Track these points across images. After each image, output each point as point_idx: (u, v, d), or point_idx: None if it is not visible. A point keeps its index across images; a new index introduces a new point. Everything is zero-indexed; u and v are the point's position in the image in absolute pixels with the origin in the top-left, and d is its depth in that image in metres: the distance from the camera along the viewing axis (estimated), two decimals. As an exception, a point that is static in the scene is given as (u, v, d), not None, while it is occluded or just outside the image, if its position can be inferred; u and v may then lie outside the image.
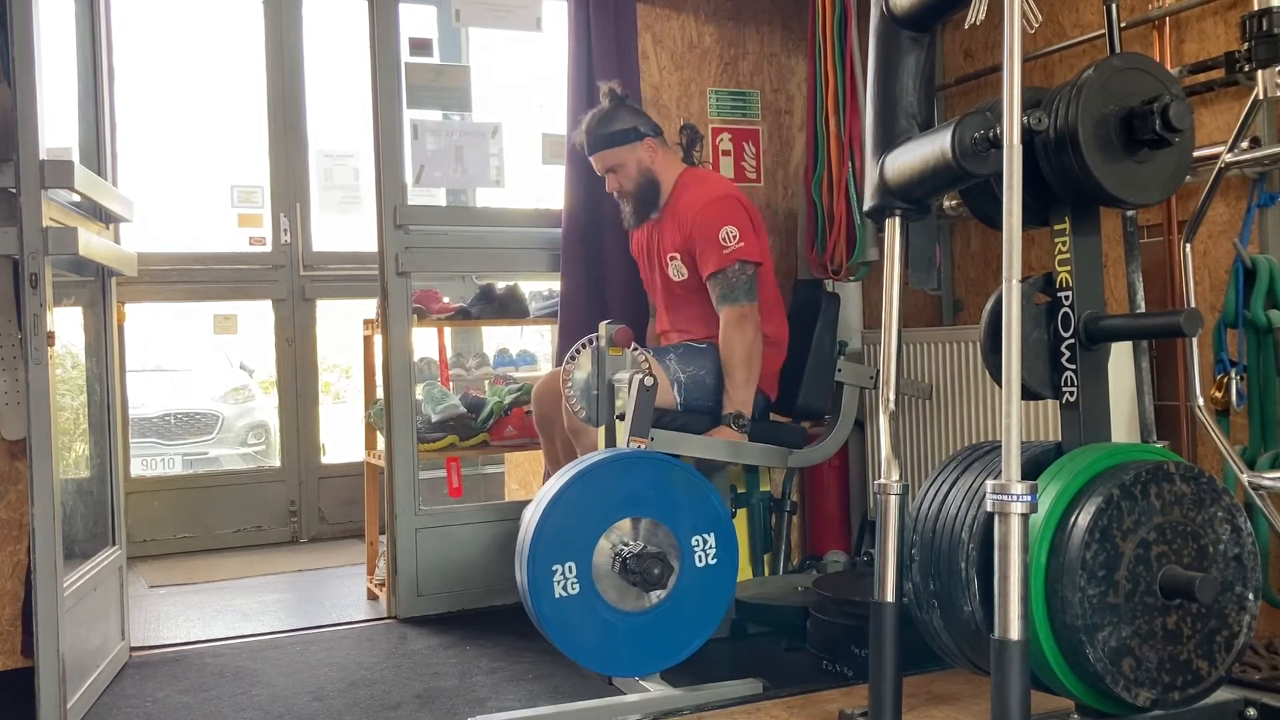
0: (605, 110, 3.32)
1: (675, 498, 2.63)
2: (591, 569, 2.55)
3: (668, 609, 2.60)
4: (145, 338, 6.43)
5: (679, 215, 3.25)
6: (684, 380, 3.16)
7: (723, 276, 3.15)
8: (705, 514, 2.65)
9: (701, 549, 2.63)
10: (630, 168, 3.27)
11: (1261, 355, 2.68)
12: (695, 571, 2.62)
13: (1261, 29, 2.40)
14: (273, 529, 5.04)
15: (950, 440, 3.43)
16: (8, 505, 2.99)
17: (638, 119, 3.31)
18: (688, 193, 3.27)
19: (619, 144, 3.26)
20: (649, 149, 3.28)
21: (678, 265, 3.27)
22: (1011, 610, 1.70)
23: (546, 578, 2.51)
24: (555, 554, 2.53)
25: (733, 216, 3.16)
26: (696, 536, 2.62)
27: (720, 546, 2.64)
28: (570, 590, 2.53)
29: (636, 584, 2.55)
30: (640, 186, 3.29)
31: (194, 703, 2.81)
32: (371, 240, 3.72)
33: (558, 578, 2.52)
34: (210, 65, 6.39)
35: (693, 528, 2.62)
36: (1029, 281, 2.11)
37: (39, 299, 2.47)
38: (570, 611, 2.53)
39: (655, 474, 2.64)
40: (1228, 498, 1.98)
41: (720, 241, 3.13)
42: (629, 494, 2.60)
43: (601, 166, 3.33)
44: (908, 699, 2.16)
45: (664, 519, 2.61)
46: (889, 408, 2.14)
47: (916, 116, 2.14)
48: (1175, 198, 2.90)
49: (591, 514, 2.57)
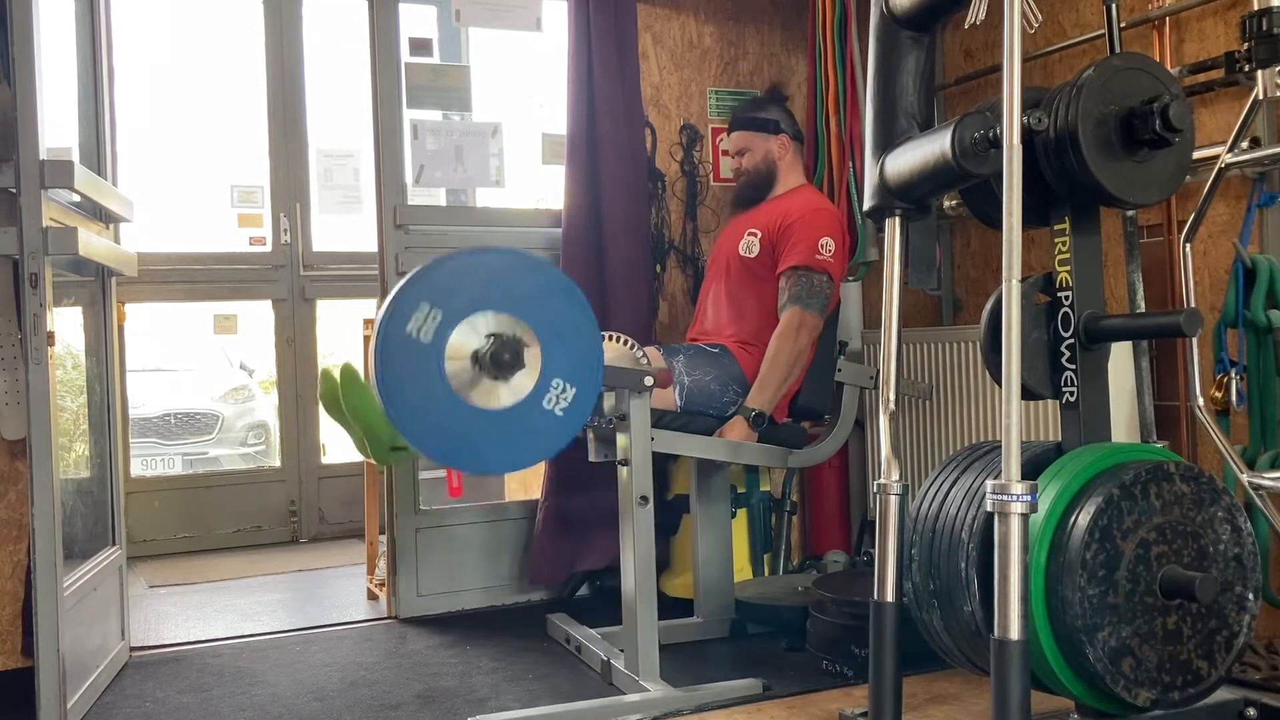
0: (760, 98, 3.60)
1: (566, 334, 2.43)
2: (450, 334, 2.33)
3: (494, 420, 2.38)
4: (145, 338, 6.43)
5: (785, 205, 3.31)
6: (687, 384, 3.16)
7: (806, 277, 3.18)
8: (582, 365, 2.43)
9: (557, 394, 2.40)
10: (758, 154, 3.41)
11: (1261, 355, 2.68)
12: (539, 410, 2.39)
13: (1261, 29, 2.40)
14: (273, 529, 5.04)
15: (950, 440, 3.43)
16: (8, 505, 2.99)
17: (784, 117, 3.46)
18: (801, 196, 3.36)
19: (758, 130, 3.41)
20: (781, 145, 3.41)
21: (753, 242, 3.30)
22: (1011, 610, 1.70)
23: (408, 309, 2.28)
24: (430, 294, 2.30)
25: (837, 233, 3.25)
26: (557, 380, 2.41)
27: (576, 404, 2.41)
28: (423, 336, 2.30)
29: (482, 368, 2.34)
30: (759, 173, 3.41)
31: (194, 703, 2.81)
32: (371, 240, 3.72)
33: (418, 314, 2.29)
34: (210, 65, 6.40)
35: (560, 370, 2.40)
36: (1029, 281, 2.11)
37: (39, 299, 2.47)
38: (408, 357, 2.29)
39: (563, 298, 2.45)
40: (1228, 498, 1.98)
41: (818, 245, 3.19)
42: (526, 295, 2.40)
43: (734, 146, 3.47)
44: (908, 699, 2.16)
45: (542, 340, 2.40)
46: (889, 408, 2.14)
47: (916, 116, 2.14)
48: (1175, 198, 2.90)
49: (485, 288, 2.38)
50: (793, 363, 3.15)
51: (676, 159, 3.94)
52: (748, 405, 3.14)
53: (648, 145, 3.84)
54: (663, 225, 3.88)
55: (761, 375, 3.14)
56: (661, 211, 3.89)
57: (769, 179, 3.41)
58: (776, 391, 3.15)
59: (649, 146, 3.85)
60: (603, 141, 3.66)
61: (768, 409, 3.13)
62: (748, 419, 3.11)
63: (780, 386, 3.15)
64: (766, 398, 3.13)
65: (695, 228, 3.95)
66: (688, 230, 3.94)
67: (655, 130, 3.89)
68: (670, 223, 3.91)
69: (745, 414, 3.12)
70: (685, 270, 3.94)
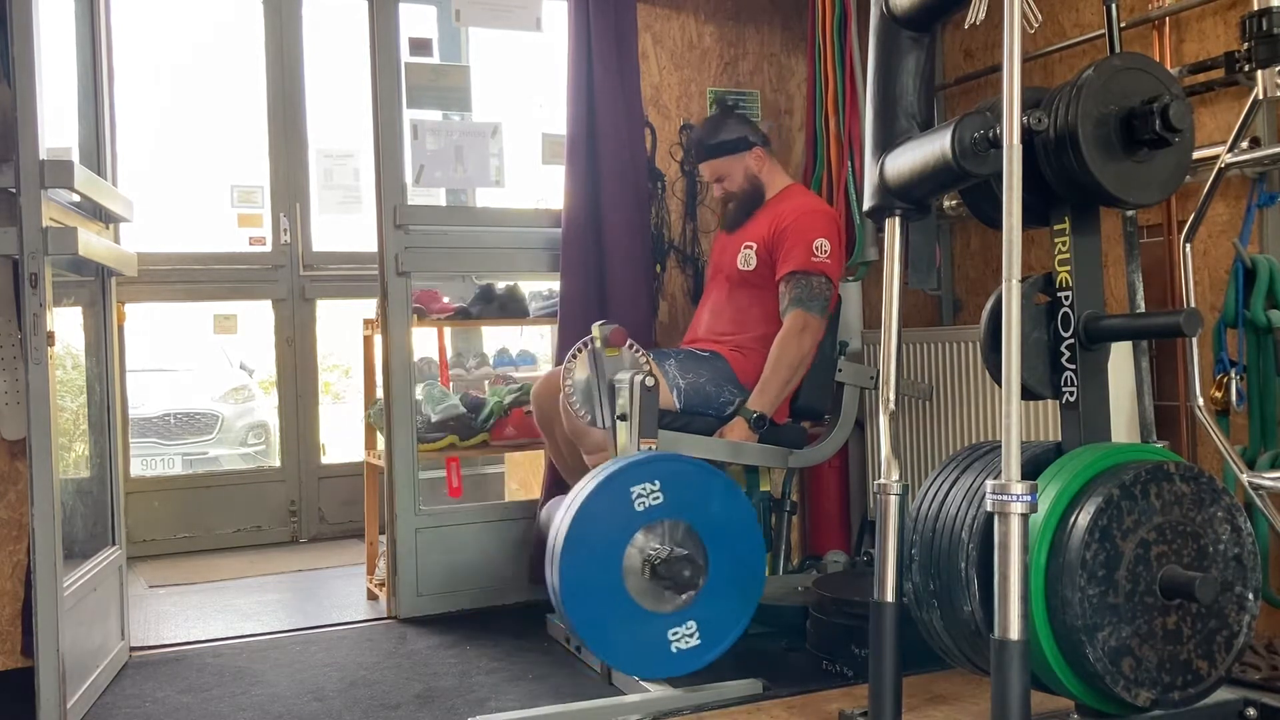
0: (714, 119, 3.43)
1: (728, 594, 2.64)
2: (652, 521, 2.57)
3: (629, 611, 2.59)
4: (145, 338, 6.42)
5: (776, 212, 3.29)
6: (684, 386, 3.16)
7: (805, 280, 3.17)
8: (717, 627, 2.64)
9: (685, 633, 2.62)
10: (737, 176, 3.35)
11: (1261, 355, 2.68)
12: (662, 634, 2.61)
13: (1261, 29, 2.40)
14: (273, 529, 5.04)
15: (950, 440, 3.43)
16: (8, 505, 2.99)
17: (746, 128, 3.38)
18: (792, 200, 3.33)
19: (727, 154, 3.34)
20: (756, 158, 3.35)
21: (750, 255, 3.29)
22: (1011, 610, 1.70)
23: (643, 477, 2.54)
24: (667, 480, 2.59)
25: (831, 233, 3.22)
26: (693, 623, 2.61)
27: (689, 653, 2.63)
28: (636, 504, 2.54)
29: (651, 565, 2.57)
30: (746, 193, 3.36)
31: (194, 703, 2.81)
32: (371, 240, 3.72)
33: (648, 485, 2.53)
34: (210, 65, 6.39)
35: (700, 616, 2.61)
36: (1029, 281, 2.11)
37: (39, 299, 2.47)
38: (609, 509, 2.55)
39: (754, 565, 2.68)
40: (1228, 498, 1.98)
41: (813, 248, 3.17)
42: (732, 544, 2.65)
43: (709, 175, 3.41)
44: (908, 699, 2.16)
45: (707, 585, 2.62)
46: (889, 408, 2.14)
47: (916, 116, 2.14)
48: (1175, 198, 2.89)
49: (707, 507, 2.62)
50: (796, 365, 3.15)
51: (676, 159, 3.93)
52: (749, 407, 3.14)
53: (648, 145, 3.84)
54: (663, 225, 3.88)
55: (764, 378, 3.14)
56: (661, 211, 3.88)
57: (756, 194, 3.37)
58: (779, 394, 3.15)
59: (649, 146, 3.85)
60: (603, 141, 3.66)
61: (769, 411, 3.13)
62: (749, 420, 3.11)
63: (783, 389, 3.15)
64: (768, 400, 3.13)
65: (695, 228, 3.94)
66: (687, 230, 3.94)
67: (655, 130, 3.88)
68: (670, 223, 3.91)
69: (746, 415, 3.12)
70: (685, 270, 3.94)
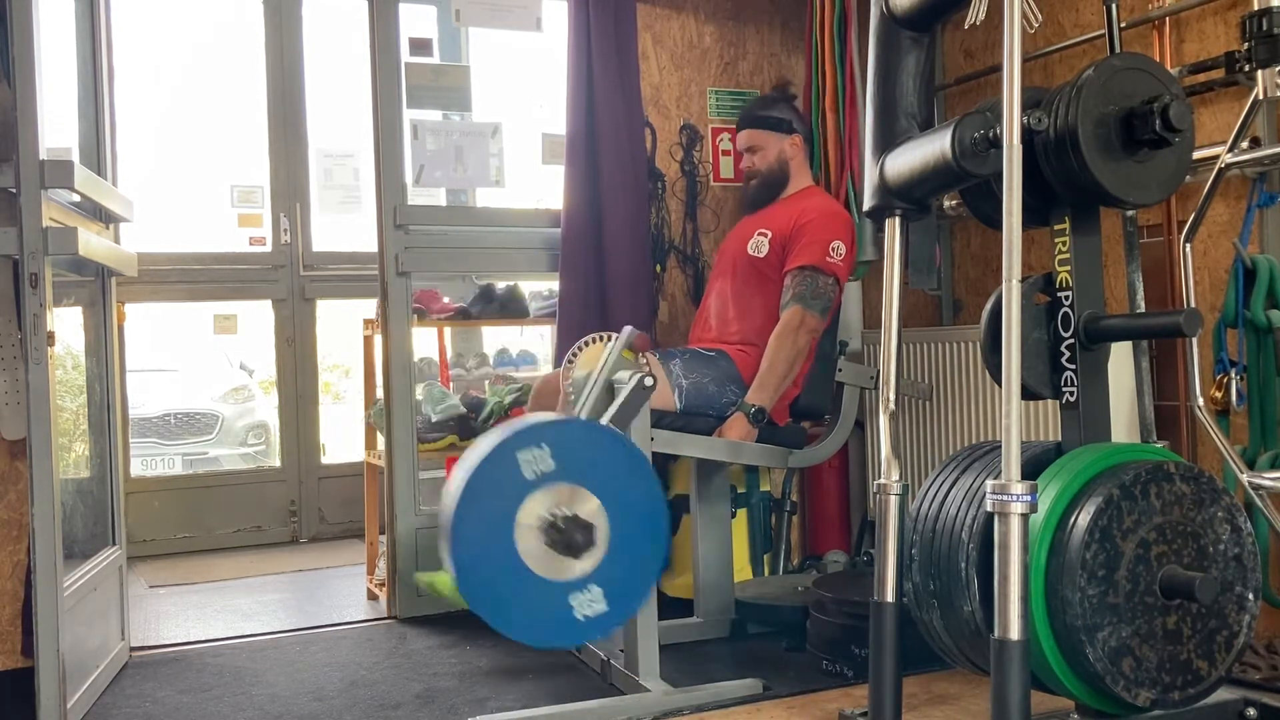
0: (770, 96, 3.56)
1: (630, 555, 2.44)
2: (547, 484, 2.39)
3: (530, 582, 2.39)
4: (145, 338, 6.42)
5: (800, 208, 3.30)
6: (685, 386, 3.15)
7: (813, 277, 3.17)
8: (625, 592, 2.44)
9: (587, 599, 2.42)
10: (770, 153, 3.38)
11: (1261, 355, 2.68)
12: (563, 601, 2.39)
13: (1261, 29, 2.40)
14: (273, 529, 5.04)
15: (950, 440, 3.43)
16: (8, 505, 2.99)
17: (795, 115, 3.44)
18: (813, 199, 3.36)
19: (771, 128, 3.39)
20: (794, 145, 3.39)
21: (763, 242, 3.29)
22: (1011, 610, 1.70)
23: (530, 441, 2.35)
24: (555, 442, 2.38)
25: (847, 238, 3.25)
26: (595, 587, 2.41)
27: (597, 621, 2.42)
28: (525, 472, 2.36)
29: (546, 534, 2.38)
30: (771, 173, 3.39)
31: (194, 703, 2.81)
32: (371, 240, 3.72)
33: (534, 451, 2.35)
34: (210, 65, 6.39)
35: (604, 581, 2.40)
36: (1029, 281, 2.11)
37: (39, 299, 2.47)
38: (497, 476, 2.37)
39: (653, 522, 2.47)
40: (1228, 498, 1.98)
41: (829, 248, 3.19)
42: (627, 503, 2.45)
43: (744, 143, 3.44)
44: (908, 699, 2.16)
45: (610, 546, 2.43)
46: (889, 408, 2.14)
47: (916, 116, 2.14)
48: (1175, 198, 2.89)
49: (597, 468, 2.43)
50: (791, 361, 3.14)
51: (676, 159, 3.94)
52: (747, 401, 3.13)
53: (648, 145, 3.84)
54: (663, 225, 3.88)
55: (760, 373, 3.14)
56: (661, 211, 3.89)
57: (781, 179, 3.39)
58: (776, 390, 3.14)
59: (649, 146, 3.85)
60: (603, 141, 3.66)
61: (768, 405, 3.13)
62: (747, 415, 3.10)
63: (779, 385, 3.15)
64: (766, 395, 3.13)
65: (695, 228, 3.94)
66: (688, 230, 3.94)
67: (655, 130, 3.89)
68: (670, 223, 3.91)
69: (745, 409, 3.11)
70: (685, 270, 3.94)
